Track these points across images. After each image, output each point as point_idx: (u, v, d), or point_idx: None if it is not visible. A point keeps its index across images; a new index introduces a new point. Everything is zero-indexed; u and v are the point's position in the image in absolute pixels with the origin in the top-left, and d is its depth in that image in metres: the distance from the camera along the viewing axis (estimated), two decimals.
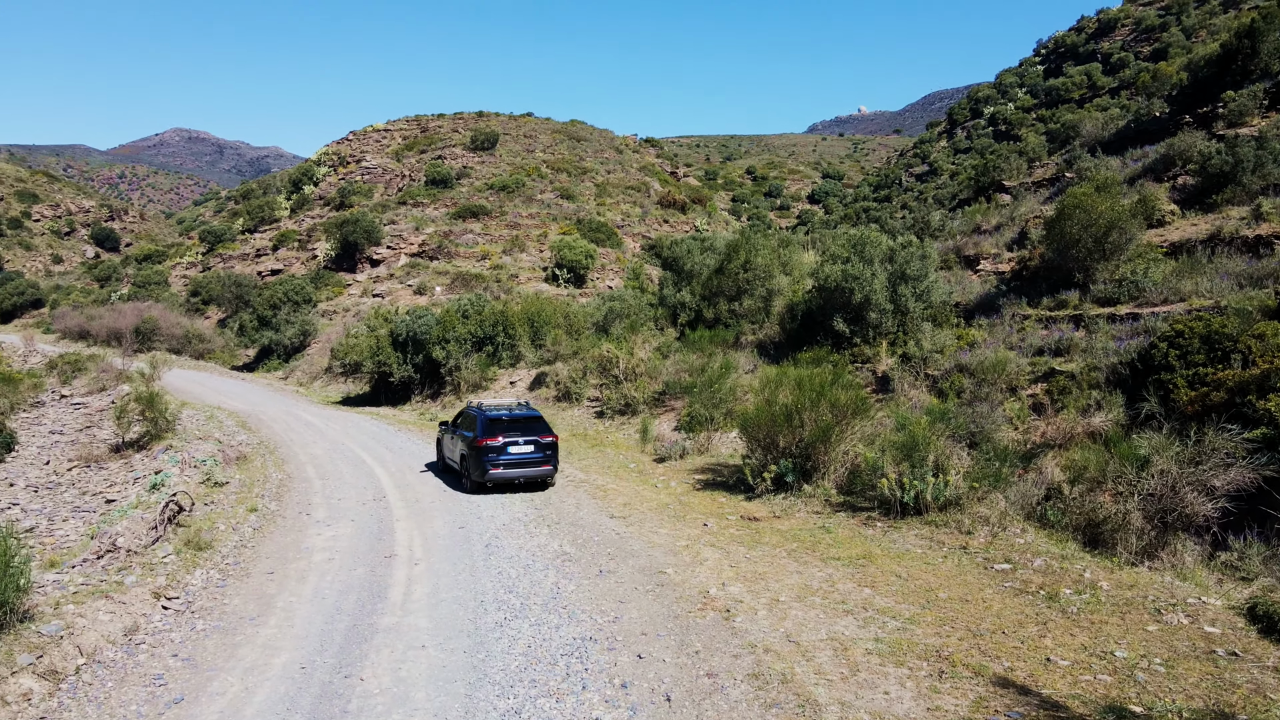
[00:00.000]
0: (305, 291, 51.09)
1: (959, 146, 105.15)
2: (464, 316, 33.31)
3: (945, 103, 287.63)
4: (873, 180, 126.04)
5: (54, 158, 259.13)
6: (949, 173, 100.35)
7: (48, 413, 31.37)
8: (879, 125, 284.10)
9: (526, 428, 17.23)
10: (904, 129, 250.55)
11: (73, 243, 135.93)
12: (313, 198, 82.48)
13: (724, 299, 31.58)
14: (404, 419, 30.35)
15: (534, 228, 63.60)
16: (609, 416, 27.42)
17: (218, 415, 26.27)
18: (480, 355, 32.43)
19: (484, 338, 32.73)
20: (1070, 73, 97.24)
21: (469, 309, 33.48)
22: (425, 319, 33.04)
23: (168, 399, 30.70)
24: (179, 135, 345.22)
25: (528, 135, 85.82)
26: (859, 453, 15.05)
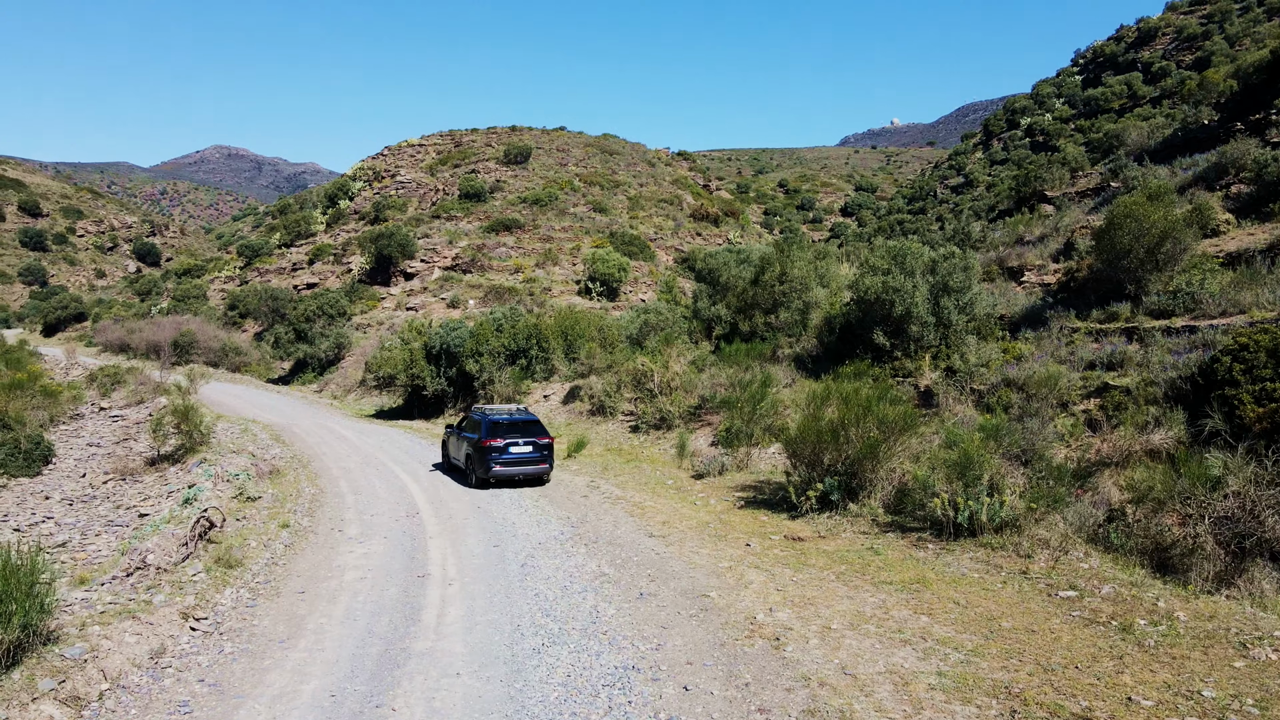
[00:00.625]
0: (340, 305, 51.23)
1: (995, 158, 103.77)
2: (498, 329, 33.04)
3: (979, 114, 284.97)
4: (907, 192, 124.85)
5: (99, 174, 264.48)
6: (985, 184, 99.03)
7: (86, 425, 31.50)
8: (911, 137, 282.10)
9: (525, 430, 19.14)
10: (937, 141, 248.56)
11: (115, 257, 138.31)
12: (348, 212, 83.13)
13: (760, 312, 31.04)
14: (437, 432, 30.09)
15: (567, 241, 63.46)
16: (644, 431, 26.95)
17: (252, 429, 26.15)
18: (514, 368, 32.14)
19: (518, 351, 32.44)
20: (1109, 82, 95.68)
21: (503, 322, 33.22)
22: (459, 332, 32.82)
23: (203, 412, 30.73)
24: (219, 152, 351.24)
25: (560, 149, 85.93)
26: (907, 470, 14.44)
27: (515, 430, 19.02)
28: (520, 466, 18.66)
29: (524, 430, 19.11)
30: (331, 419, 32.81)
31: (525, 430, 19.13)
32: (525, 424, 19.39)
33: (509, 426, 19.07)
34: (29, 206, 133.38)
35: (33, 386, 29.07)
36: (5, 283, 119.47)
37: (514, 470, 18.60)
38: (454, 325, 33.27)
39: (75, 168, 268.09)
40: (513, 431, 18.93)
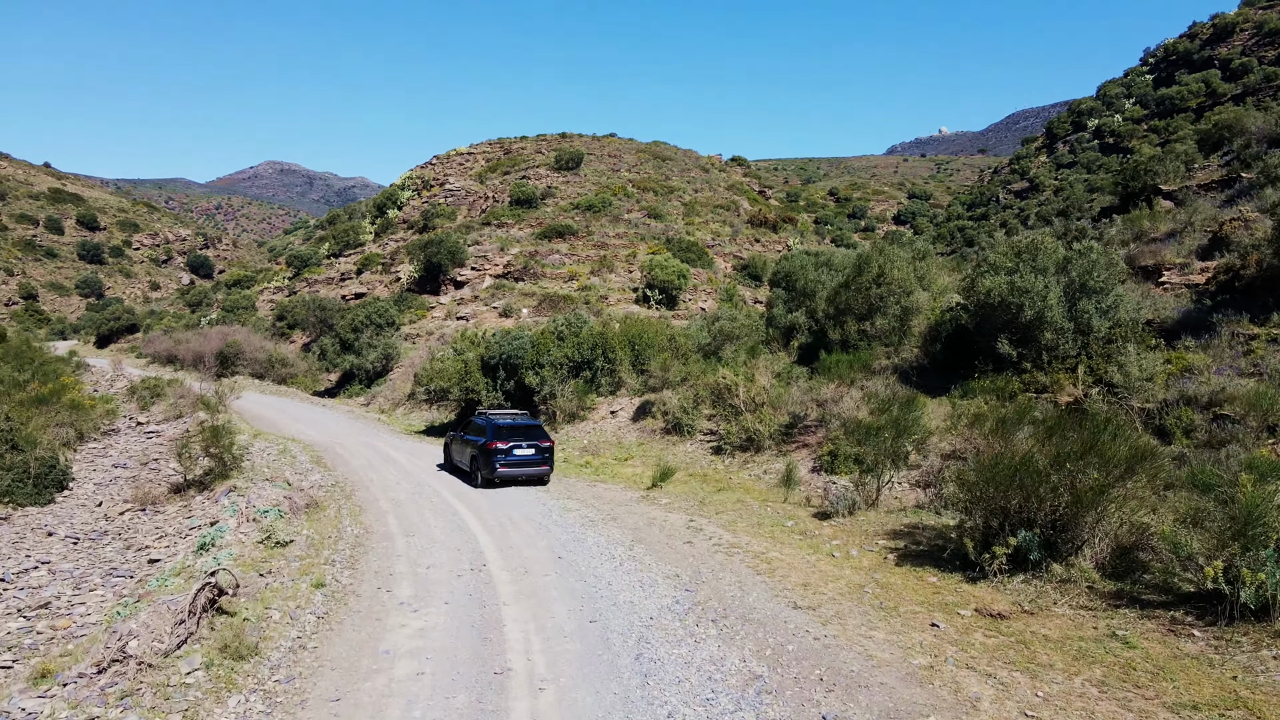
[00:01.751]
0: (388, 314, 48.44)
1: (1061, 161, 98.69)
2: (560, 338, 29.76)
3: (1031, 121, 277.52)
4: (965, 198, 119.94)
5: (157, 190, 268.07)
6: (1052, 188, 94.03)
7: (119, 442, 28.78)
8: (961, 146, 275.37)
9: (528, 433, 20.02)
10: (989, 148, 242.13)
11: (170, 270, 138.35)
12: (396, 221, 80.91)
13: (852, 318, 27.35)
14: None
15: (622, 247, 60.22)
16: (728, 453, 23.43)
17: (291, 449, 23.08)
18: (577, 381, 28.81)
19: (582, 362, 29.11)
20: (1185, 81, 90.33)
21: (565, 330, 29.93)
22: (518, 341, 29.61)
23: (241, 429, 27.82)
24: (272, 168, 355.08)
25: (612, 155, 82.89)
26: (1137, 522, 10.73)
27: (518, 433, 19.83)
28: (523, 468, 19.63)
29: (526, 433, 19.96)
30: (379, 436, 29.74)
31: (528, 434, 19.99)
32: (528, 428, 20.27)
33: (512, 430, 19.85)
34: (87, 220, 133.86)
35: (57, 401, 26.40)
36: (63, 295, 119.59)
37: (517, 471, 19.53)
38: (514, 334, 30.07)
39: (135, 184, 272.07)
40: (516, 435, 19.74)
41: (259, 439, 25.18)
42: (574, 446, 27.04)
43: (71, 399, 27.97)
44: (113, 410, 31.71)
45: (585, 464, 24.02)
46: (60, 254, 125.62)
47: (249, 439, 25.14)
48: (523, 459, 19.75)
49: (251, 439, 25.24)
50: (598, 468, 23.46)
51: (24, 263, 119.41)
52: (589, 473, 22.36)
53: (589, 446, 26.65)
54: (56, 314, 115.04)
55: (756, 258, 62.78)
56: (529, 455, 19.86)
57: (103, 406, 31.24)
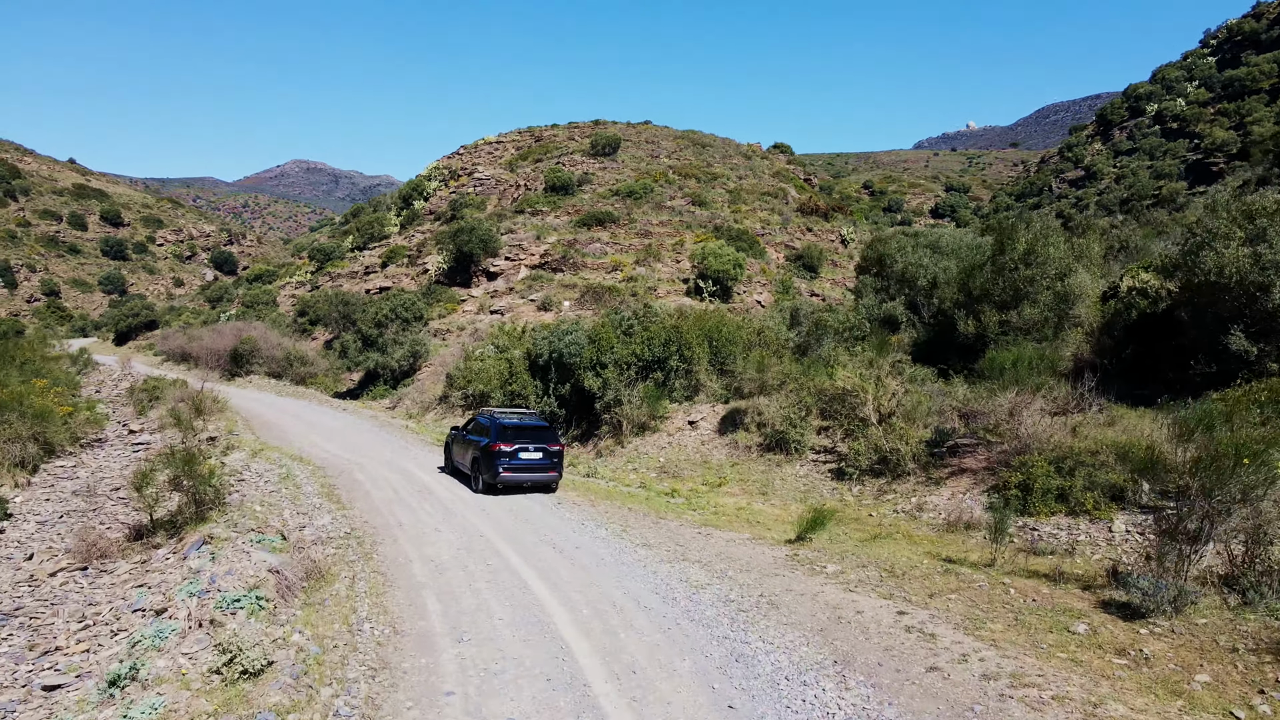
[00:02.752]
0: (415, 307, 43.09)
1: (1120, 148, 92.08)
2: (625, 332, 24.22)
3: (1062, 115, 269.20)
4: (1012, 189, 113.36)
5: (185, 189, 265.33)
6: (1112, 175, 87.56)
7: (96, 457, 23.54)
8: (989, 140, 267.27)
9: (537, 436, 17.70)
10: (1021, 142, 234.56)
11: (193, 266, 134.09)
12: (423, 213, 75.71)
13: (990, 306, 21.60)
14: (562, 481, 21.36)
15: (667, 236, 54.61)
16: (853, 478, 17.85)
17: (296, 473, 17.64)
18: (647, 384, 23.28)
19: (652, 361, 23.56)
20: (1253, 61, 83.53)
21: (632, 323, 24.40)
22: (573, 335, 24.09)
23: (240, 442, 22.48)
24: (298, 166, 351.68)
25: (649, 141, 77.26)
26: None
27: (525, 435, 17.71)
28: (529, 473, 17.55)
29: (535, 435, 17.83)
30: (407, 451, 24.29)
31: (536, 436, 17.86)
32: (536, 429, 18.09)
33: (519, 431, 17.70)
34: (110, 216, 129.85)
35: (18, 409, 21.12)
36: (86, 292, 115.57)
37: (522, 477, 17.50)
38: (567, 328, 24.53)
39: (164, 183, 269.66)
40: (522, 436, 17.63)
41: (260, 456, 19.80)
42: (648, 466, 21.48)
43: (39, 406, 22.70)
44: (97, 418, 26.49)
45: (671, 493, 18.45)
46: (83, 250, 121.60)
47: (247, 457, 19.76)
48: (529, 464, 17.50)
49: (251, 456, 19.87)
50: (690, 499, 17.89)
51: (47, 259, 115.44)
52: (685, 508, 16.77)
53: (668, 467, 21.09)
54: (79, 311, 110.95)
55: (811, 247, 57.01)
56: (536, 460, 17.60)
57: (85, 413, 26.02)
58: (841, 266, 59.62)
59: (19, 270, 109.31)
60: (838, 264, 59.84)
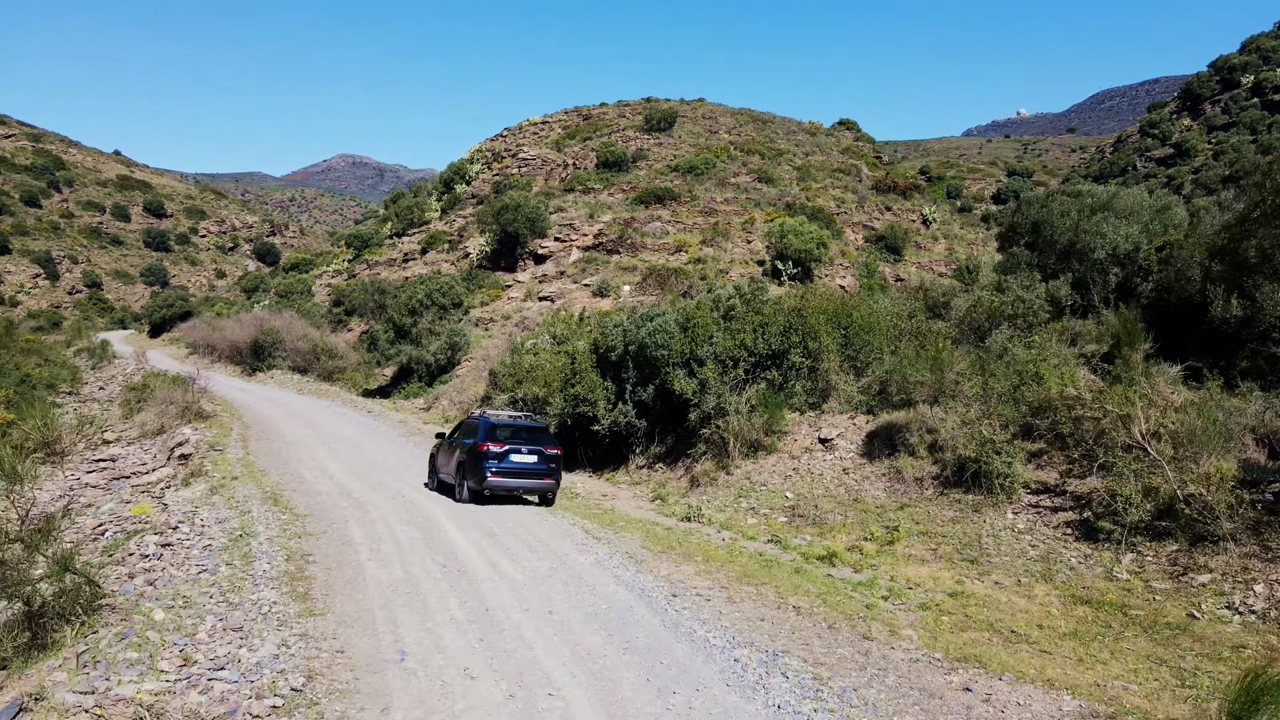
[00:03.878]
0: (454, 293, 36.91)
1: (1213, 123, 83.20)
2: (725, 317, 17.69)
3: (1117, 100, 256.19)
4: (1087, 170, 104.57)
5: (234, 184, 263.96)
6: (1208, 152, 78.84)
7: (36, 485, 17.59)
8: (1042, 127, 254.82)
9: (531, 437, 15.42)
10: (1078, 128, 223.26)
11: (236, 258, 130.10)
12: (465, 196, 69.77)
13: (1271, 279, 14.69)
14: (646, 520, 14.88)
15: (734, 214, 47.93)
16: (1118, 541, 11.18)
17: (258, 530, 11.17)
18: (760, 387, 16.74)
19: (767, 356, 17.00)
20: None
21: (736, 306, 17.84)
22: (659, 322, 17.54)
23: (214, 466, 16.37)
24: (344, 160, 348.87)
25: (706, 117, 70.45)
26: None
27: (518, 436, 15.23)
28: (521, 479, 14.95)
29: (529, 437, 15.34)
30: None
31: (531, 437, 15.35)
32: (531, 430, 15.65)
33: (512, 431, 15.32)
34: (154, 207, 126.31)
35: None
36: (128, 283, 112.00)
37: (513, 482, 14.89)
38: (649, 311, 17.98)
39: (213, 178, 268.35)
40: (515, 438, 15.15)
41: (224, 492, 13.61)
42: (771, 504, 14.93)
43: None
44: (45, 426, 20.60)
45: (828, 556, 11.84)
46: (126, 241, 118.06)
47: (204, 493, 13.58)
48: (521, 467, 15.05)
49: (211, 492, 13.70)
50: (861, 569, 11.30)
51: (89, 250, 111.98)
52: (870, 593, 10.18)
53: (801, 507, 14.50)
54: (121, 303, 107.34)
55: (895, 226, 49.87)
56: (530, 464, 15.14)
57: (37, 421, 20.15)
58: (926, 249, 52.47)
59: (61, 261, 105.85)
60: (922, 245, 52.69)
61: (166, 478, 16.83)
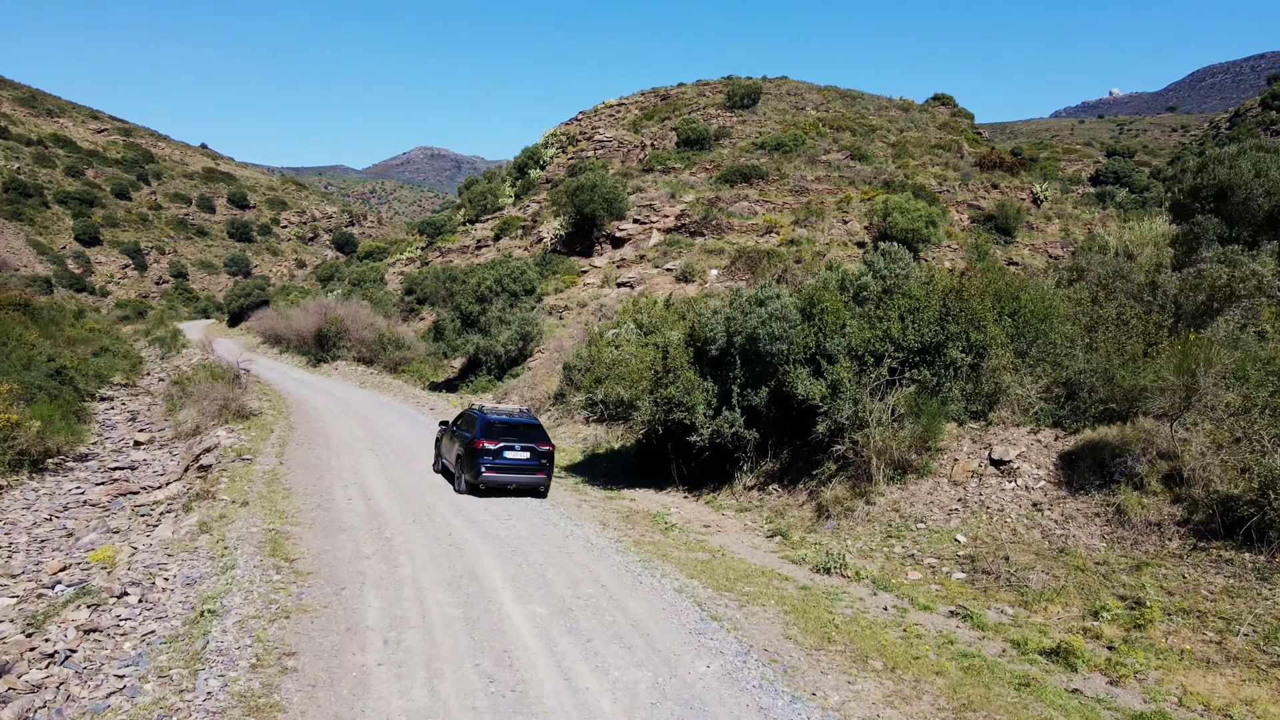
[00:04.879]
0: (526, 278, 33.63)
1: None
2: (856, 300, 13.76)
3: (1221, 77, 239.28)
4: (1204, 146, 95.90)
5: (317, 176, 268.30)
6: None
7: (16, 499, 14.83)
8: (1137, 107, 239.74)
9: (525, 434, 15.64)
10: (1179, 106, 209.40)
11: (315, 248, 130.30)
12: (539, 181, 66.76)
13: None
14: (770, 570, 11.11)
15: (827, 193, 43.52)
16: None
17: (232, 607, 7.84)
18: (909, 391, 12.76)
19: (920, 350, 12.99)
20: None
21: (869, 286, 13.87)
22: (774, 306, 13.66)
23: (232, 483, 13.21)
24: (423, 153, 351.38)
25: (791, 93, 65.85)
26: None
27: (513, 433, 15.44)
28: (514, 474, 15.23)
29: (523, 434, 15.57)
30: (497, 504, 14.62)
31: (525, 434, 15.58)
32: (526, 427, 15.81)
33: (507, 428, 15.50)
34: (237, 198, 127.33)
35: None
36: (212, 273, 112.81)
37: (506, 478, 15.19)
38: (760, 295, 14.11)
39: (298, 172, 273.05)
40: (510, 434, 15.39)
41: (218, 529, 10.38)
42: (934, 549, 10.97)
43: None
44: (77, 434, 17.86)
45: (1054, 650, 7.89)
46: (211, 232, 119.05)
47: (191, 532, 10.39)
48: (514, 464, 15.05)
49: (200, 529, 10.50)
50: (1119, 678, 7.31)
51: (176, 241, 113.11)
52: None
53: (978, 556, 10.50)
54: (205, 292, 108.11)
55: (1008, 204, 44.70)
56: (522, 460, 15.15)
57: (35, 422, 17.34)
58: (1039, 229, 47.12)
59: (149, 252, 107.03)
60: (1034, 226, 47.34)
61: (172, 497, 13.76)
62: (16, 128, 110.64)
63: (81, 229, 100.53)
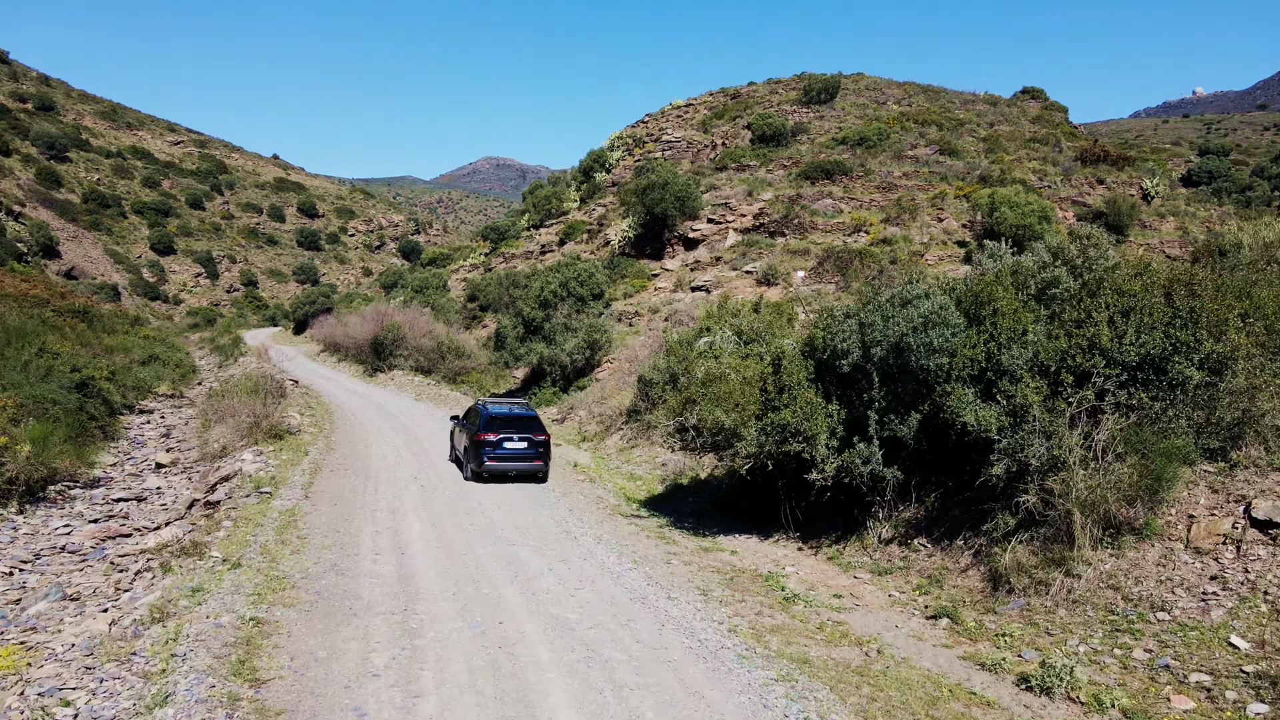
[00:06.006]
0: (594, 282, 30.62)
1: None
2: (1039, 298, 10.26)
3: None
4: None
5: (386, 187, 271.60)
6: None
7: None
8: (1224, 105, 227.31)
9: (523, 426, 17.10)
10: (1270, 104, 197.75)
11: (382, 256, 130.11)
12: (604, 185, 64.01)
13: None
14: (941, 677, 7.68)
15: (917, 189, 39.65)
16: None
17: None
18: (1123, 421, 9.22)
19: (1137, 365, 9.45)
20: None
21: (1061, 280, 10.34)
22: (927, 307, 10.25)
23: (246, 521, 10.45)
24: (488, 163, 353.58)
25: (869, 89, 61.87)
26: None
27: (512, 425, 16.96)
28: (514, 462, 16.72)
29: (521, 426, 17.06)
30: (578, 546, 11.50)
31: (523, 426, 17.08)
32: (523, 419, 17.33)
33: (506, 421, 16.98)
34: (306, 208, 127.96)
35: None
36: (281, 281, 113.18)
37: (507, 466, 16.67)
38: (908, 294, 10.72)
39: (367, 183, 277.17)
40: (509, 426, 16.89)
41: (201, 596, 7.52)
42: (1199, 655, 7.26)
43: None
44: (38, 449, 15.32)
45: None
46: (280, 241, 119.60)
47: (162, 602, 7.44)
48: (513, 453, 16.62)
49: (166, 609, 7.57)
50: None
51: (246, 249, 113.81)
52: None
53: (1269, 670, 6.93)
54: (275, 300, 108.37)
55: (1120, 198, 40.16)
56: (520, 449, 16.68)
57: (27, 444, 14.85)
58: (1153, 227, 42.38)
59: (221, 261, 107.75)
60: (1147, 224, 42.62)
61: (163, 545, 10.94)
62: (97, 140, 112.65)
63: (157, 238, 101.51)
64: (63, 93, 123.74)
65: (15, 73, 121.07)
